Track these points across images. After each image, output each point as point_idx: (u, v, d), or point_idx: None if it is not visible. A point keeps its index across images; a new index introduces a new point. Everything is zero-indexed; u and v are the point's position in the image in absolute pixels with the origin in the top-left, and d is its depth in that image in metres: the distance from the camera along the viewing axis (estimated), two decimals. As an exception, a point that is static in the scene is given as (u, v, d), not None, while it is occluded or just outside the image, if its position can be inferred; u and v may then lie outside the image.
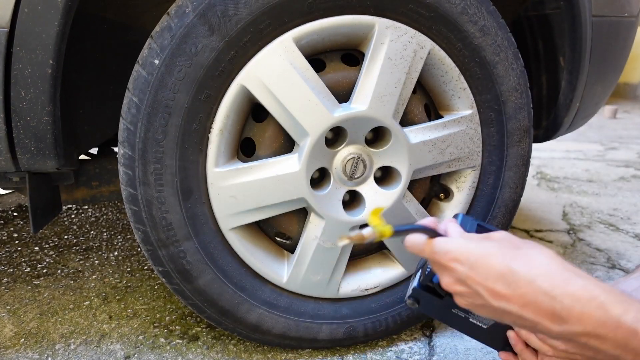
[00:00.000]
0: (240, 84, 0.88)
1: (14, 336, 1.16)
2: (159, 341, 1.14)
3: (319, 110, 0.90)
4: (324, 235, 0.98)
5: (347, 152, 0.97)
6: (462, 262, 0.57)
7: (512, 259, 0.54)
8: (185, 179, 0.90)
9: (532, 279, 0.52)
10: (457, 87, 1.00)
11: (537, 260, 0.53)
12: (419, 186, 1.08)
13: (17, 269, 1.51)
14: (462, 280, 0.57)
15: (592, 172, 2.83)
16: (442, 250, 0.59)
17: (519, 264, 0.53)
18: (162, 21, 0.85)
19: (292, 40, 0.88)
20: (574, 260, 1.61)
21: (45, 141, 0.88)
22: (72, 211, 2.06)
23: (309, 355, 1.09)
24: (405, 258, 1.08)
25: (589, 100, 1.24)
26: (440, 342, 1.14)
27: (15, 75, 0.82)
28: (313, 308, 1.05)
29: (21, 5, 0.79)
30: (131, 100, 0.86)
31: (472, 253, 0.57)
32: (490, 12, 0.97)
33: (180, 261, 0.94)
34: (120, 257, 1.59)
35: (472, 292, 0.57)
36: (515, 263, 0.54)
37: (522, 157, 1.10)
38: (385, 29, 0.92)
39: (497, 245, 0.57)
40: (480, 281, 0.55)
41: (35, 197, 1.03)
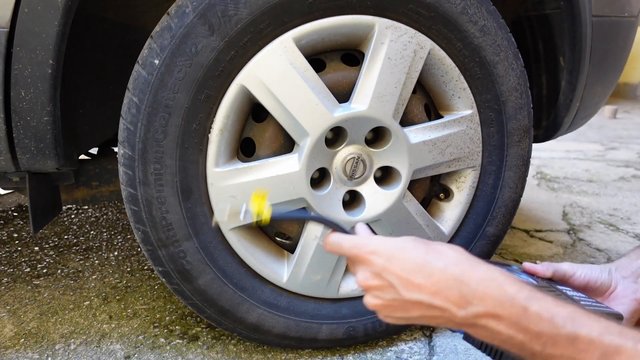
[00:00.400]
0: (240, 84, 0.88)
1: (14, 336, 1.16)
2: (159, 341, 1.14)
3: (319, 110, 0.90)
4: (324, 235, 0.98)
5: (347, 152, 0.97)
6: (380, 254, 0.59)
7: (426, 252, 0.58)
8: (185, 179, 0.90)
9: (444, 267, 0.55)
10: (457, 87, 1.00)
11: (448, 252, 0.58)
12: (419, 186, 1.08)
13: (17, 269, 1.51)
14: (378, 273, 0.59)
15: (592, 172, 2.83)
16: (361, 243, 0.61)
17: (433, 255, 0.57)
18: (162, 21, 0.85)
19: (292, 40, 0.88)
20: (574, 260, 1.61)
21: (45, 141, 0.88)
22: (72, 211, 2.06)
23: (309, 355, 1.09)
24: (405, 258, 1.08)
25: (589, 100, 1.24)
26: (440, 342, 1.14)
27: (15, 75, 0.82)
28: (313, 308, 1.05)
29: (21, 5, 0.79)
30: (131, 100, 0.86)
31: (389, 246, 0.59)
32: (490, 12, 0.97)
33: (180, 261, 0.94)
34: (120, 257, 1.59)
35: (386, 285, 0.58)
36: (429, 255, 0.57)
37: (522, 157, 1.10)
38: (385, 29, 0.92)
39: (411, 240, 0.61)
40: (396, 272, 0.57)
41: (35, 197, 1.03)
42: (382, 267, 0.58)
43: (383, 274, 0.58)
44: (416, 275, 0.56)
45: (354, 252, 0.62)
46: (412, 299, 0.57)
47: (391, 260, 0.58)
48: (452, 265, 0.56)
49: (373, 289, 0.60)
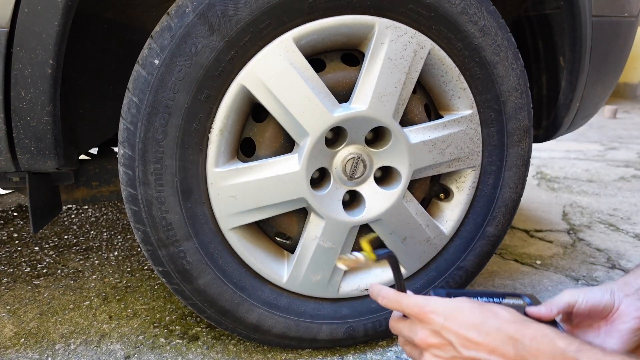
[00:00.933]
0: (240, 84, 0.88)
1: (14, 336, 1.16)
2: (159, 341, 1.14)
3: (319, 110, 0.90)
4: (323, 235, 0.98)
5: (347, 152, 0.97)
6: (439, 314, 0.63)
7: (481, 312, 0.62)
8: (185, 179, 0.90)
9: (499, 326, 0.60)
10: (457, 87, 1.00)
11: (501, 312, 0.62)
12: (419, 186, 1.08)
13: (17, 269, 1.51)
14: (437, 331, 0.63)
15: (592, 172, 2.83)
16: (420, 303, 0.66)
17: (488, 315, 0.62)
18: (162, 21, 0.85)
19: (292, 40, 0.88)
20: (574, 260, 1.61)
21: (45, 141, 0.88)
22: (72, 211, 2.06)
23: (309, 355, 1.09)
24: (405, 258, 1.08)
25: (589, 100, 1.24)
26: (440, 342, 1.14)
27: (15, 75, 0.82)
28: (313, 308, 1.05)
29: (21, 5, 0.79)
30: (131, 100, 0.86)
31: (447, 306, 0.64)
32: (490, 12, 0.97)
33: (180, 261, 0.94)
34: (120, 257, 1.59)
35: (445, 343, 0.62)
36: (485, 314, 0.62)
37: (522, 157, 1.10)
38: (385, 29, 0.92)
39: (467, 301, 0.66)
40: (455, 330, 0.61)
41: (35, 197, 1.03)
42: (442, 325, 0.62)
43: (443, 332, 0.62)
44: (474, 333, 0.60)
45: (415, 310, 0.66)
46: (470, 357, 0.60)
47: (450, 320, 0.62)
48: (506, 324, 0.59)
49: (432, 346, 0.64)
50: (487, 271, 1.52)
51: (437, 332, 0.63)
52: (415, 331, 0.66)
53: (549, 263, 1.59)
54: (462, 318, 0.62)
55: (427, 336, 0.64)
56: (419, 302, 0.66)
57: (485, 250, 1.14)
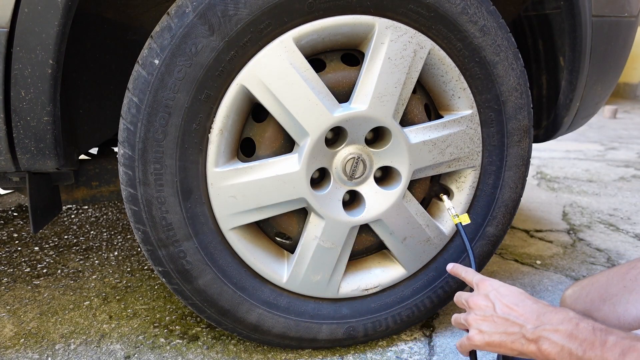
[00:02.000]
0: (240, 84, 0.88)
1: (14, 336, 1.16)
2: (159, 341, 1.14)
3: (319, 110, 0.90)
4: (323, 235, 0.98)
5: (347, 152, 0.97)
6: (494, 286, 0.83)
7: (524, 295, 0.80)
8: (185, 179, 0.90)
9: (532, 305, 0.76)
10: (457, 87, 1.00)
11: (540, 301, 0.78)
12: (419, 186, 1.08)
13: (17, 269, 1.51)
14: (486, 295, 0.82)
15: (592, 172, 2.83)
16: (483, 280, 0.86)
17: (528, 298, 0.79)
18: (162, 21, 0.85)
19: (292, 40, 0.88)
20: (574, 260, 1.61)
21: (45, 141, 0.88)
22: (72, 211, 2.06)
23: (309, 355, 1.09)
24: (405, 258, 1.08)
25: (589, 100, 1.24)
26: (440, 342, 1.14)
27: (15, 75, 0.82)
28: (313, 308, 1.05)
29: (21, 5, 0.79)
30: (131, 100, 0.86)
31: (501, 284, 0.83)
32: (490, 12, 0.97)
33: (180, 261, 0.94)
34: (120, 257, 1.59)
35: (490, 305, 0.80)
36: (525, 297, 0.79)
37: (522, 157, 1.10)
38: (385, 29, 0.92)
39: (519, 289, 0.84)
40: (500, 298, 0.80)
41: (35, 197, 1.03)
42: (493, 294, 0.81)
43: (490, 296, 0.81)
44: (511, 302, 0.78)
45: (478, 278, 0.87)
46: (502, 316, 0.77)
47: (499, 291, 0.81)
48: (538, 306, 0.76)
49: (478, 307, 0.81)
50: (487, 271, 1.52)
51: (487, 296, 0.81)
52: (473, 295, 0.84)
53: (549, 263, 1.59)
54: (508, 292, 0.80)
55: (479, 299, 0.82)
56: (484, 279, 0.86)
57: (485, 250, 1.14)
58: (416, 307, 1.12)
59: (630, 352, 0.59)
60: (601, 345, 0.62)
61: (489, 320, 0.78)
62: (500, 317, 0.77)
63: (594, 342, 0.63)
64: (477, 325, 0.79)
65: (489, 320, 0.78)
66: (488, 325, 0.78)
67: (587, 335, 0.65)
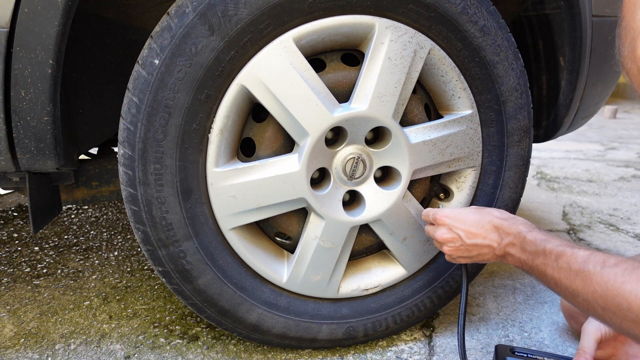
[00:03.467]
0: (240, 84, 0.88)
1: (14, 336, 1.16)
2: (159, 341, 1.14)
3: (319, 110, 0.90)
4: (324, 235, 0.98)
5: (347, 152, 0.97)
6: (449, 217, 0.94)
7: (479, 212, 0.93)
8: (185, 179, 0.90)
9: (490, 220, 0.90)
10: (457, 87, 1.00)
11: (494, 212, 0.92)
12: (418, 186, 1.08)
13: (17, 269, 1.51)
14: (450, 229, 0.93)
15: (592, 172, 2.83)
16: (436, 211, 0.97)
17: (483, 214, 0.92)
18: (162, 21, 0.85)
19: (292, 40, 0.88)
20: (574, 260, 1.61)
21: (45, 141, 0.88)
22: (72, 211, 2.06)
23: (309, 355, 1.09)
24: (405, 259, 1.08)
25: (589, 100, 1.24)
26: (440, 342, 1.14)
27: (15, 75, 0.82)
28: (313, 308, 1.05)
29: (21, 5, 0.79)
30: (131, 100, 0.86)
31: (454, 211, 0.94)
32: (490, 12, 0.97)
33: (180, 261, 0.94)
34: (120, 257, 1.59)
35: (456, 237, 0.92)
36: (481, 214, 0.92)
37: (522, 157, 1.10)
38: (385, 29, 0.92)
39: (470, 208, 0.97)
40: (461, 226, 0.91)
41: (35, 197, 1.03)
42: (452, 224, 0.92)
43: (453, 229, 0.92)
44: (473, 228, 0.90)
45: (435, 217, 0.96)
46: (472, 243, 0.91)
47: (456, 220, 0.92)
48: (495, 219, 0.90)
49: (447, 240, 0.93)
50: (487, 271, 1.52)
51: (450, 229, 0.93)
52: (436, 231, 0.96)
53: (549, 263, 1.59)
54: (465, 218, 0.92)
55: (443, 233, 0.94)
56: (436, 210, 0.97)
57: (485, 250, 1.14)
58: (416, 307, 1.12)
59: (561, 256, 0.73)
60: (542, 254, 0.77)
61: (461, 250, 0.92)
62: (470, 245, 0.91)
63: (536, 252, 0.79)
64: (454, 255, 0.94)
65: (462, 250, 0.92)
66: (462, 253, 0.93)
67: (532, 247, 0.80)
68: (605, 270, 0.64)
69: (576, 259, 0.69)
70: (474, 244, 0.90)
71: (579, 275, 0.68)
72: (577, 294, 0.68)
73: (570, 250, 0.72)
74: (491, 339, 1.15)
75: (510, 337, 1.15)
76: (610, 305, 0.62)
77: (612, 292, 0.61)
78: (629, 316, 0.59)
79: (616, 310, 0.61)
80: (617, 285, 0.61)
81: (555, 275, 0.73)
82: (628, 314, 0.59)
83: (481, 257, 0.92)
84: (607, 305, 0.62)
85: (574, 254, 0.71)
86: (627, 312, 0.59)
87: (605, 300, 0.62)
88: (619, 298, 0.60)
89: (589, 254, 0.69)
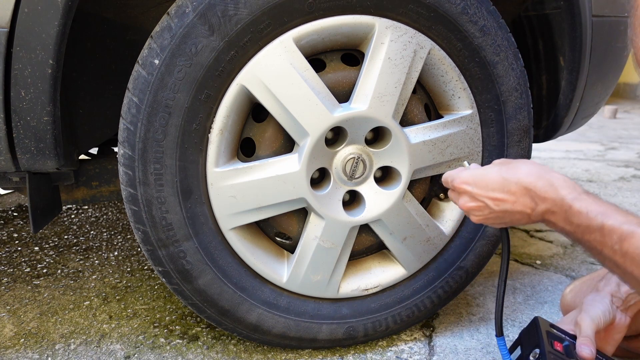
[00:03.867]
0: (240, 84, 0.88)
1: (14, 336, 1.16)
2: (159, 341, 1.14)
3: (319, 110, 0.90)
4: (324, 235, 0.98)
5: (347, 152, 0.97)
6: (469, 183, 0.82)
7: (504, 171, 0.79)
8: (185, 179, 0.90)
9: (518, 181, 0.76)
10: (457, 87, 1.00)
11: (522, 167, 0.78)
12: (419, 186, 1.08)
13: (17, 269, 1.51)
14: (473, 197, 0.81)
15: (592, 172, 2.83)
16: (454, 176, 0.86)
17: (509, 173, 0.78)
18: (162, 21, 0.85)
19: (292, 40, 0.88)
20: (574, 260, 1.61)
21: (45, 141, 0.88)
22: (72, 211, 2.06)
23: (309, 355, 1.09)
24: (405, 259, 1.08)
25: (589, 100, 1.24)
26: (440, 342, 1.14)
27: (15, 75, 0.82)
28: (313, 308, 1.05)
29: (21, 5, 0.79)
30: (131, 100, 0.86)
31: (474, 175, 0.82)
32: (490, 12, 0.97)
33: (180, 261, 0.94)
34: (120, 257, 1.59)
35: (482, 205, 0.81)
36: (506, 173, 0.78)
37: (522, 157, 1.10)
38: (385, 29, 0.92)
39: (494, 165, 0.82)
40: (484, 193, 0.79)
41: (35, 197, 1.03)
42: (473, 192, 0.81)
43: (476, 197, 0.81)
44: (499, 194, 0.78)
45: (455, 185, 0.85)
46: (501, 210, 0.79)
47: (478, 187, 0.80)
48: (523, 176, 0.76)
49: (472, 209, 0.83)
50: (487, 271, 1.52)
51: (473, 197, 0.82)
52: (458, 199, 0.86)
53: (549, 263, 1.59)
54: (487, 182, 0.80)
55: (465, 201, 0.83)
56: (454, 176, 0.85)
57: (486, 250, 1.14)
58: (416, 307, 1.12)
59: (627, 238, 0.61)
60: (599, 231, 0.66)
61: (492, 218, 0.82)
62: (499, 212, 0.80)
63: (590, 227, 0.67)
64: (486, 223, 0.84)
65: (492, 218, 0.82)
66: (494, 221, 0.83)
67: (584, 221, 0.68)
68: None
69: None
70: (504, 211, 0.79)
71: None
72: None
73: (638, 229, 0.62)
74: (491, 339, 1.15)
75: (510, 337, 1.15)
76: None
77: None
78: None
79: None
80: None
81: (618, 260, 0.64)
82: None
83: (517, 222, 0.81)
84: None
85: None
86: None
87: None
88: None
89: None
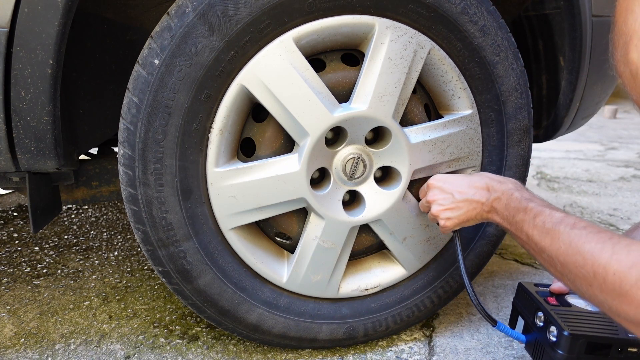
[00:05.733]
0: (240, 84, 0.88)
1: (14, 336, 1.16)
2: (159, 341, 1.14)
3: (319, 110, 0.90)
4: (324, 235, 0.98)
5: (347, 152, 0.97)
6: (439, 179, 0.97)
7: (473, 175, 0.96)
8: (185, 179, 0.90)
9: (481, 179, 0.92)
10: (457, 87, 1.00)
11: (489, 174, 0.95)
12: (419, 186, 1.08)
13: (17, 269, 1.51)
14: (440, 189, 0.95)
15: (592, 172, 2.83)
16: (432, 179, 0.99)
17: (478, 176, 0.94)
18: (162, 21, 0.85)
19: (292, 40, 0.88)
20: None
21: (45, 141, 0.88)
22: (72, 211, 2.06)
23: (309, 355, 1.09)
24: (405, 259, 1.08)
25: (589, 100, 1.24)
26: (440, 342, 1.14)
27: (15, 75, 0.82)
28: (313, 308, 1.05)
29: (21, 5, 0.79)
30: (131, 100, 0.86)
31: (449, 175, 0.98)
32: (490, 12, 0.97)
33: (180, 261, 0.94)
34: (120, 257, 1.59)
35: (447, 195, 0.94)
36: (475, 176, 0.95)
37: (522, 157, 1.10)
38: (385, 29, 0.92)
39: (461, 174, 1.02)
40: (452, 186, 0.94)
41: (35, 197, 1.03)
42: (442, 186, 0.95)
43: (444, 188, 0.95)
44: (464, 187, 0.93)
45: (430, 184, 0.98)
46: (462, 199, 0.92)
47: (447, 182, 0.95)
48: (487, 179, 0.92)
49: (437, 199, 0.95)
50: (487, 271, 1.52)
51: (440, 189, 0.95)
52: (428, 193, 0.98)
53: (549, 263, 1.58)
54: (455, 179, 0.95)
55: (433, 194, 0.96)
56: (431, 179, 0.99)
57: (485, 250, 1.14)
58: (416, 307, 1.12)
59: (539, 215, 0.76)
60: (524, 211, 0.80)
61: (452, 207, 0.94)
62: (459, 201, 0.93)
63: (519, 209, 0.82)
64: (444, 215, 0.94)
65: (452, 207, 0.94)
66: (452, 212, 0.94)
67: (516, 204, 0.83)
68: (574, 231, 0.68)
69: (552, 218, 0.74)
70: (464, 199, 0.92)
71: (549, 233, 0.72)
72: (544, 250, 0.73)
73: (548, 211, 0.76)
74: (491, 339, 1.15)
75: (510, 337, 1.15)
76: (569, 263, 0.67)
77: (573, 249, 0.66)
78: (581, 272, 0.64)
79: (572, 268, 0.66)
80: (579, 244, 0.66)
81: (530, 232, 0.77)
82: (581, 270, 0.64)
83: (469, 215, 0.93)
84: (566, 262, 0.67)
85: (551, 214, 0.75)
86: (580, 269, 0.64)
87: (566, 257, 0.67)
88: (577, 255, 0.65)
89: (564, 215, 0.73)
